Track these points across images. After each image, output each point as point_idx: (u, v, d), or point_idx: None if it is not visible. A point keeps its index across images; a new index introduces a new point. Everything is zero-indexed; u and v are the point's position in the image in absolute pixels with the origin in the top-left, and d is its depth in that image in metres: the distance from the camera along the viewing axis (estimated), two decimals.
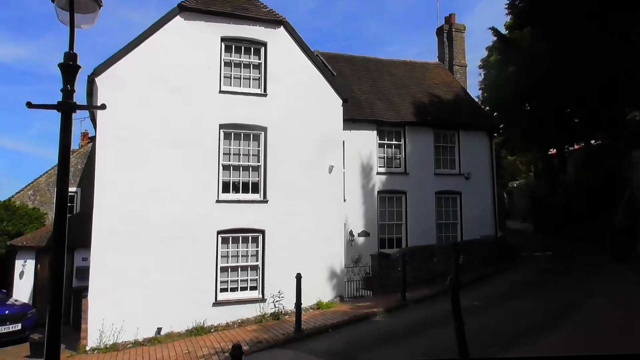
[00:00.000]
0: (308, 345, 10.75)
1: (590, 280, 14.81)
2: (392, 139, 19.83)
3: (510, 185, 41.31)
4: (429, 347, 9.40)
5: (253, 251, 14.70)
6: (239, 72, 15.27)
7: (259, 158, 15.14)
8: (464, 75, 25.27)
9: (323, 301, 14.90)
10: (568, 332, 9.60)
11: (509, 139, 32.93)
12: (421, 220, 19.50)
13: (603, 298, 12.45)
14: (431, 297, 14.71)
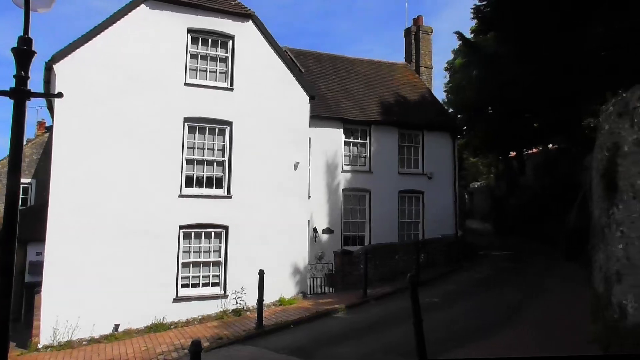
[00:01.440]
0: (269, 341, 10.73)
1: (544, 278, 15.30)
2: (357, 138, 19.96)
3: (471, 186, 42.20)
4: (388, 342, 9.52)
5: (216, 247, 14.55)
6: (205, 65, 15.07)
7: (223, 153, 14.98)
8: (429, 77, 25.65)
9: (285, 297, 14.89)
10: (523, 327, 9.89)
11: (472, 141, 33.62)
12: (384, 218, 19.71)
13: (555, 295, 12.88)
14: (392, 294, 14.90)
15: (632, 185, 7.13)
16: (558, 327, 9.67)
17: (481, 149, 34.66)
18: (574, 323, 9.71)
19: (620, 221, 7.78)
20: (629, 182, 7.27)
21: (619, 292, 8.05)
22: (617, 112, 7.62)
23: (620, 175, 7.69)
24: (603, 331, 8.30)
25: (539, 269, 17.18)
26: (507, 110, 26.94)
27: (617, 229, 8.01)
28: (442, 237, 20.40)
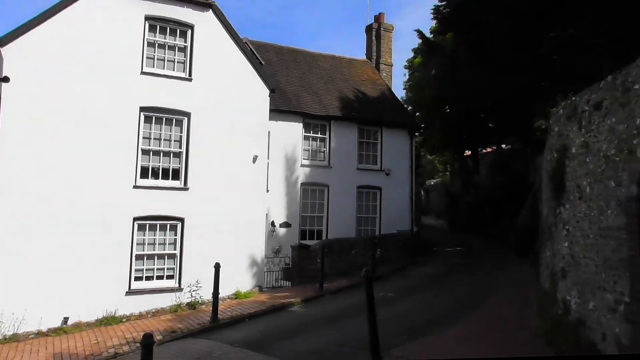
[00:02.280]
0: (224, 334, 10.66)
1: (495, 274, 15.79)
2: (317, 132, 20.00)
3: (427, 183, 43.00)
4: (342, 335, 9.62)
5: (171, 239, 14.31)
6: (163, 54, 14.74)
7: (180, 144, 14.72)
8: (389, 74, 25.94)
9: (241, 291, 14.81)
10: (473, 321, 10.18)
11: (429, 139, 34.25)
12: (342, 213, 19.86)
13: (505, 290, 13.31)
14: (348, 288, 15.06)
15: (578, 186, 7.44)
16: (506, 322, 10.01)
17: (438, 147, 35.36)
18: (521, 318, 10.08)
19: (567, 220, 8.12)
20: (575, 183, 7.59)
21: (564, 289, 8.41)
22: (566, 115, 7.93)
23: (567, 176, 8.02)
24: (548, 326, 8.66)
25: (490, 265, 17.71)
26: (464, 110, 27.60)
27: (563, 228, 8.36)
28: (398, 233, 20.75)
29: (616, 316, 6.13)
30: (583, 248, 7.32)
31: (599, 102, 6.59)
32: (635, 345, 5.60)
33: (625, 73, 5.86)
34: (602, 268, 6.59)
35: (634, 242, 5.64)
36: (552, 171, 8.85)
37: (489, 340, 8.63)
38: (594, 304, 6.87)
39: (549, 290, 9.97)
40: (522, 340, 8.54)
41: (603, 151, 6.46)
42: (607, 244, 6.40)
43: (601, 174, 6.54)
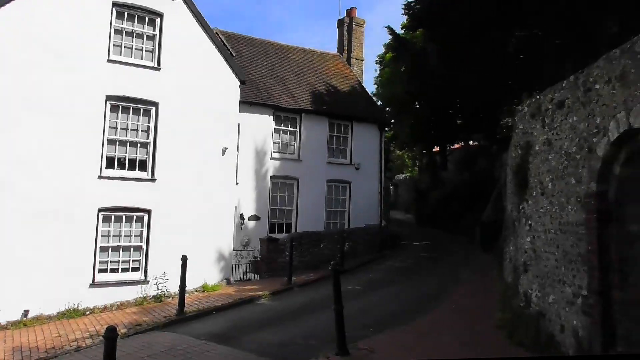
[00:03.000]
0: (190, 327, 10.58)
1: (460, 268, 16.10)
2: (287, 125, 19.95)
3: (396, 178, 43.42)
4: (309, 328, 9.67)
5: (137, 231, 14.08)
6: (130, 42, 14.43)
7: (148, 134, 14.46)
8: (360, 69, 26.05)
9: (209, 284, 14.70)
10: (437, 314, 10.38)
11: (399, 134, 34.57)
12: (312, 206, 19.89)
13: (469, 284, 13.61)
14: (316, 281, 15.13)
15: (540, 182, 7.64)
16: (470, 314, 10.23)
17: (407, 142, 35.73)
18: (484, 310, 10.31)
19: (529, 215, 8.33)
20: (538, 180, 7.79)
21: (526, 282, 8.64)
22: (530, 113, 8.12)
23: (530, 172, 8.23)
24: (510, 318, 8.89)
25: (455, 259, 18.04)
26: (432, 106, 27.95)
27: (526, 223, 8.58)
28: (366, 227, 20.93)
29: (574, 309, 6.34)
30: (544, 243, 7.53)
31: (561, 101, 6.77)
32: (591, 336, 5.81)
33: (586, 73, 6.04)
34: (562, 262, 6.80)
35: (592, 237, 5.83)
36: (516, 168, 9.07)
37: (452, 332, 8.80)
38: (554, 297, 7.08)
39: (511, 283, 10.23)
40: (485, 332, 8.74)
41: (565, 149, 6.65)
42: (567, 239, 6.60)
43: (562, 171, 6.73)
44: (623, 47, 5.20)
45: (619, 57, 5.24)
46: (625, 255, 5.50)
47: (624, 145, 5.34)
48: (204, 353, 8.37)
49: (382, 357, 7.45)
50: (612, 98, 5.37)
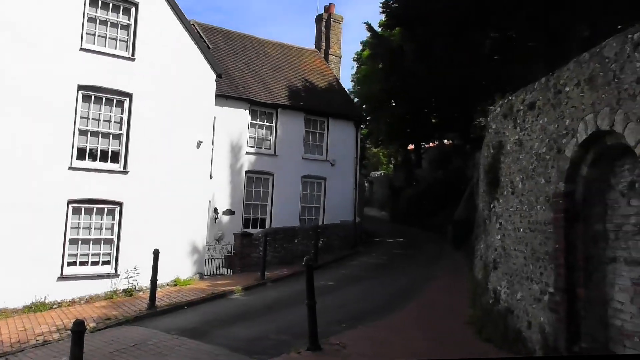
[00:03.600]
0: (161, 321, 10.47)
1: (432, 265, 16.33)
2: (264, 120, 19.86)
3: (372, 175, 43.69)
4: (282, 323, 9.68)
5: (108, 224, 13.85)
6: (104, 31, 14.14)
7: (121, 126, 14.22)
8: (338, 66, 26.07)
9: (181, 278, 14.57)
10: (408, 310, 10.50)
11: (375, 132, 34.77)
12: (286, 202, 19.87)
13: (440, 280, 13.80)
14: (289, 276, 15.14)
15: (511, 181, 7.79)
16: (441, 310, 10.38)
17: (383, 140, 35.98)
18: (455, 307, 10.48)
19: (500, 214, 8.49)
20: (509, 179, 7.94)
21: (495, 279, 8.81)
22: (503, 113, 8.26)
23: (502, 172, 8.37)
24: (480, 314, 9.05)
25: (428, 256, 18.27)
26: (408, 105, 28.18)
27: (496, 221, 8.74)
28: (341, 223, 21.02)
29: (541, 305, 6.49)
30: (514, 241, 7.68)
31: (532, 102, 6.90)
32: (557, 333, 5.95)
33: (557, 76, 6.17)
34: (530, 260, 6.95)
35: (559, 236, 5.97)
36: (488, 167, 9.21)
37: (423, 328, 8.92)
38: (522, 294, 7.23)
39: (481, 280, 10.41)
40: (455, 328, 8.88)
41: (535, 149, 6.78)
42: (536, 237, 6.74)
43: (533, 171, 6.87)
44: (592, 51, 5.32)
45: (588, 61, 5.37)
46: (590, 254, 5.65)
47: (592, 146, 5.48)
48: (175, 348, 8.30)
49: (354, 352, 7.50)
50: (580, 100, 5.50)
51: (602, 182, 5.61)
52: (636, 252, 5.01)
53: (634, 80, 4.51)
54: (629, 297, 5.11)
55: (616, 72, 4.80)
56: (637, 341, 4.95)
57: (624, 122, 4.64)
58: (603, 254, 5.57)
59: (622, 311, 5.23)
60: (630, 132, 4.56)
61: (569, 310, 5.75)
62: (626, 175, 5.24)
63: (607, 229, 5.53)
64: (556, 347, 5.95)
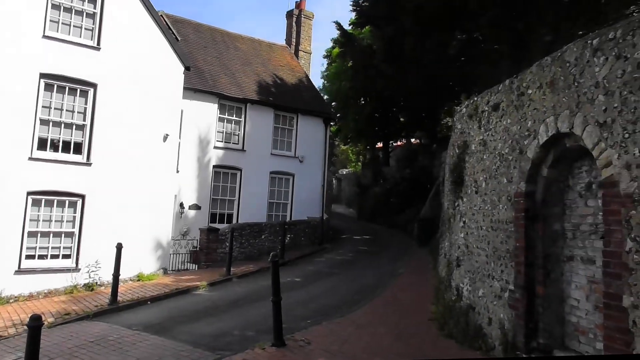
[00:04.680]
0: (122, 317, 10.28)
1: (398, 262, 16.51)
2: (232, 115, 19.70)
3: (340, 173, 43.85)
4: (247, 319, 9.63)
5: (70, 217, 13.51)
6: (69, 19, 13.76)
7: (85, 116, 13.88)
8: (308, 62, 26.06)
9: (145, 273, 14.34)
10: (373, 306, 10.59)
11: (343, 129, 34.91)
12: (254, 197, 19.78)
13: (405, 277, 13.97)
14: (255, 272, 15.08)
15: (475, 181, 7.94)
16: (405, 307, 10.51)
17: (352, 138, 36.15)
18: (419, 303, 10.62)
19: (464, 213, 8.64)
20: (473, 178, 8.09)
21: (458, 276, 8.97)
22: (468, 113, 8.41)
23: (466, 171, 8.53)
24: (442, 311, 9.20)
25: (394, 253, 18.46)
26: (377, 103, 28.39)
27: (460, 220, 8.89)
28: (308, 220, 21.04)
29: (501, 302, 6.64)
30: (476, 239, 7.84)
31: (497, 103, 7.05)
32: (515, 329, 6.11)
33: (520, 78, 6.31)
34: (491, 258, 7.10)
35: (519, 234, 6.13)
36: (453, 166, 9.36)
37: (387, 324, 9.01)
38: (483, 291, 7.39)
39: (445, 278, 10.58)
40: (418, 324, 9.01)
41: (498, 150, 6.93)
42: (497, 235, 6.89)
43: (496, 171, 7.02)
44: (554, 55, 5.47)
45: (550, 65, 5.51)
46: (548, 253, 5.81)
47: (552, 148, 5.63)
48: (137, 344, 8.16)
49: (318, 348, 7.53)
50: (542, 103, 5.65)
51: (561, 182, 5.78)
52: (592, 251, 5.18)
53: (592, 85, 4.66)
54: (585, 295, 5.28)
55: (576, 76, 4.94)
56: (592, 337, 5.13)
57: (583, 125, 4.79)
58: (561, 253, 5.74)
59: (578, 308, 5.41)
60: (588, 135, 4.71)
61: (528, 307, 5.90)
62: (584, 177, 5.41)
63: (565, 228, 5.70)
64: (515, 343, 6.10)
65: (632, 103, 4.14)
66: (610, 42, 4.44)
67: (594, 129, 4.61)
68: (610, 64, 4.42)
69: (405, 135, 33.34)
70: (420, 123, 29.36)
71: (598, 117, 4.56)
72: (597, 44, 4.63)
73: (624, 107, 4.23)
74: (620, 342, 4.15)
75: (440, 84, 21.11)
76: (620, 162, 4.24)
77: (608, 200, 4.46)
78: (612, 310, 4.27)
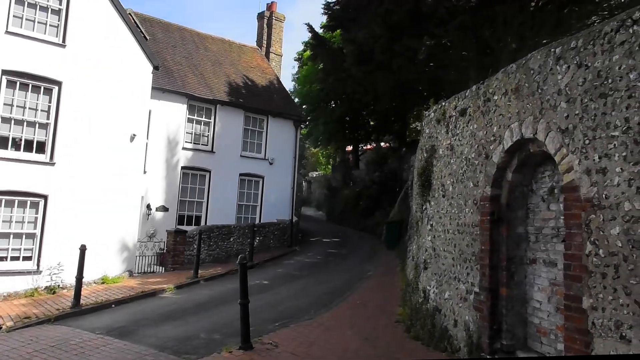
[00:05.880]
0: (86, 320, 10.03)
1: (366, 264, 16.61)
2: (202, 116, 19.49)
3: (310, 175, 43.90)
4: (214, 322, 9.52)
5: (31, 217, 13.11)
6: (33, 15, 13.39)
7: (49, 115, 13.50)
8: (279, 64, 26.02)
9: (109, 276, 14.03)
10: (341, 309, 10.63)
11: (314, 132, 34.98)
12: (223, 199, 19.61)
13: (373, 280, 14.07)
14: (224, 275, 14.96)
15: (442, 184, 8.06)
16: (372, 309, 10.57)
17: (322, 141, 36.27)
18: (387, 306, 10.72)
19: (431, 216, 8.76)
20: (440, 182, 8.21)
21: (425, 279, 9.08)
22: (436, 118, 8.53)
23: (434, 175, 8.65)
24: (409, 313, 9.30)
25: (363, 256, 18.57)
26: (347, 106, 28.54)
27: (428, 223, 9.01)
28: (278, 222, 20.97)
29: (466, 304, 6.75)
30: (443, 242, 7.95)
31: (464, 109, 7.17)
32: (480, 330, 6.22)
33: (487, 84, 6.44)
34: (458, 261, 7.21)
35: (484, 238, 6.24)
36: (421, 170, 9.48)
37: (355, 326, 9.05)
38: (449, 293, 7.50)
39: (412, 280, 10.70)
40: (386, 326, 9.08)
41: (465, 154, 7.05)
42: (464, 239, 7.01)
43: (462, 175, 7.14)
44: (519, 62, 5.61)
45: (515, 72, 5.65)
46: (512, 255, 5.94)
47: (516, 153, 5.76)
48: (100, 348, 7.97)
49: (285, 351, 7.50)
50: (507, 109, 5.78)
51: (525, 187, 5.92)
52: (554, 254, 5.31)
53: (555, 92, 4.79)
54: (547, 297, 5.42)
55: (540, 84, 5.07)
56: (553, 338, 5.26)
57: (546, 130, 4.92)
58: (524, 256, 5.88)
59: (540, 310, 5.54)
60: (550, 141, 4.84)
61: (492, 308, 6.02)
62: (547, 181, 5.55)
63: (529, 231, 5.84)
64: (479, 344, 6.21)
65: (592, 110, 4.27)
66: (572, 50, 4.57)
67: (557, 135, 4.74)
68: (572, 72, 4.55)
69: (375, 139, 33.63)
70: (390, 127, 29.66)
71: (560, 123, 4.69)
72: (560, 52, 4.76)
73: (584, 114, 4.36)
74: (580, 342, 4.26)
75: (409, 88, 21.35)
76: (581, 167, 4.37)
77: (569, 204, 4.58)
78: (572, 312, 4.39)
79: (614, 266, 3.96)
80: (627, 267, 3.83)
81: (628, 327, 3.79)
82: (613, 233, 3.97)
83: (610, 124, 4.06)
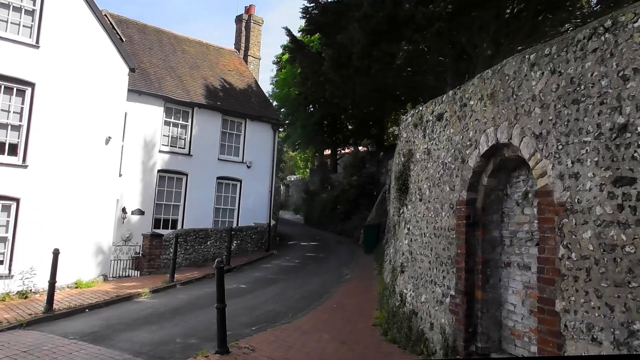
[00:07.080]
0: (59, 325, 9.83)
1: (344, 268, 16.65)
2: (179, 119, 19.33)
3: (288, 179, 43.83)
4: (190, 327, 9.43)
5: (3, 221, 12.82)
6: (6, 15, 13.12)
7: (21, 117, 13.23)
8: (257, 67, 25.96)
9: (83, 280, 13.78)
10: (318, 312, 10.64)
11: (292, 135, 34.97)
12: (200, 203, 19.45)
13: (351, 283, 14.11)
14: (200, 279, 14.83)
15: (419, 188, 8.13)
16: (350, 312, 10.60)
17: (300, 144, 36.29)
18: (364, 309, 10.76)
19: (408, 220, 8.83)
20: (417, 186, 8.28)
21: (402, 282, 9.14)
22: (413, 123, 8.61)
23: (411, 179, 8.72)
24: (386, 316, 9.35)
25: (340, 259, 18.60)
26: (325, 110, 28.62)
27: (405, 227, 9.07)
28: (255, 226, 20.90)
29: (442, 307, 6.82)
30: (420, 246, 8.02)
31: (441, 113, 7.26)
32: (456, 333, 6.28)
33: (463, 89, 6.54)
34: (434, 264, 7.28)
35: (460, 241, 6.31)
36: (398, 174, 9.55)
37: (332, 330, 9.06)
38: (426, 296, 7.56)
39: (389, 283, 10.76)
40: (363, 329, 9.11)
41: (442, 158, 7.13)
42: (440, 242, 7.08)
43: (439, 179, 7.22)
44: (494, 68, 5.70)
45: (491, 77, 5.74)
46: (488, 259, 6.02)
47: (492, 158, 5.85)
48: (73, 353, 7.82)
49: (262, 355, 7.46)
50: (483, 114, 5.87)
51: (500, 191, 6.01)
52: (528, 257, 5.40)
53: (529, 97, 4.89)
54: (521, 300, 5.50)
55: (515, 89, 5.17)
56: (527, 340, 5.34)
57: (520, 136, 5.01)
58: (499, 259, 5.96)
59: (514, 312, 5.62)
60: (525, 146, 4.93)
61: (468, 311, 6.08)
62: (521, 186, 5.65)
63: (504, 235, 5.93)
64: (455, 347, 6.27)
65: (565, 116, 4.36)
66: (546, 57, 4.67)
67: (531, 140, 4.83)
68: (546, 78, 4.65)
69: (354, 143, 33.79)
70: (368, 131, 29.85)
71: (534, 128, 4.78)
72: (534, 58, 4.86)
73: (558, 119, 4.45)
74: (553, 345, 4.34)
75: (388, 93, 21.51)
76: (555, 172, 4.45)
77: (543, 208, 4.67)
78: (546, 315, 4.47)
79: (585, 269, 4.04)
80: (598, 271, 3.91)
81: (599, 330, 3.87)
82: (585, 237, 4.06)
83: (583, 129, 4.15)
